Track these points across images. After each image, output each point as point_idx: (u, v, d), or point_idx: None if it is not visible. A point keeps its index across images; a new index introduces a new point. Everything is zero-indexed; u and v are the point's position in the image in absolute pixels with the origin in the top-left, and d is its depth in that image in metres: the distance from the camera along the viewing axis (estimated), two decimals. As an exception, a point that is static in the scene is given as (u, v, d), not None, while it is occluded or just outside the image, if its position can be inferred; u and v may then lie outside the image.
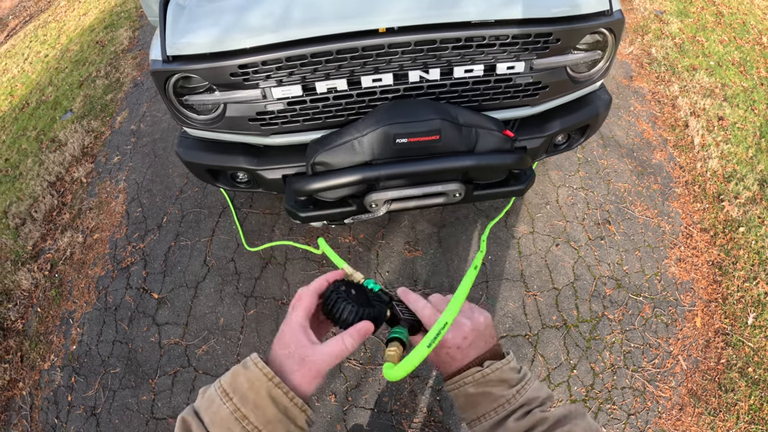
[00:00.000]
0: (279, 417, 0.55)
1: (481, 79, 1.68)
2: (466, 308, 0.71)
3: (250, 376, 0.56)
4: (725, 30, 4.04)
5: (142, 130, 3.47)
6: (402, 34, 1.52)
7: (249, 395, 0.55)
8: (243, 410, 0.54)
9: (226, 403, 0.55)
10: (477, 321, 0.69)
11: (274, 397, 0.55)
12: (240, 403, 0.55)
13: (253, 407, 0.55)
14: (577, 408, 0.65)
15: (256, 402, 0.55)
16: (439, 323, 0.62)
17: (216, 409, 0.55)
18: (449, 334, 0.67)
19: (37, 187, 3.26)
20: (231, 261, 2.59)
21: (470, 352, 0.67)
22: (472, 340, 0.67)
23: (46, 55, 4.85)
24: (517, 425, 0.62)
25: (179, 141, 1.99)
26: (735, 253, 2.55)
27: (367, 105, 1.70)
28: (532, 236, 2.60)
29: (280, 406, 0.55)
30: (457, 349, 0.67)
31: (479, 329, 0.69)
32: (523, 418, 0.62)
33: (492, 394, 0.64)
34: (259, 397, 0.55)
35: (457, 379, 0.67)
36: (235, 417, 0.54)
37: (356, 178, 1.62)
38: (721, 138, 3.11)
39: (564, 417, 0.63)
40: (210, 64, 1.59)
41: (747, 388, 2.12)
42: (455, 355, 0.67)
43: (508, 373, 0.65)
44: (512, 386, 0.65)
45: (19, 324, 2.62)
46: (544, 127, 1.90)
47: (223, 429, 0.54)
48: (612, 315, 2.34)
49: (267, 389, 0.55)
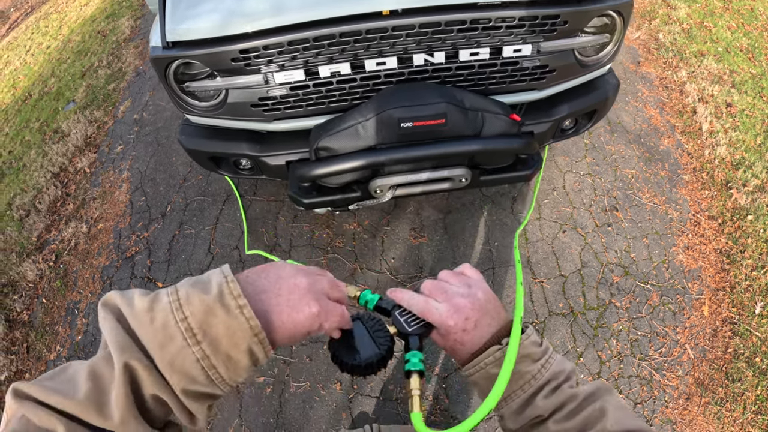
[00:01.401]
0: (248, 368, 0.49)
1: (487, 63, 1.65)
2: (457, 284, 0.66)
3: (232, 324, 0.46)
4: (733, 16, 3.97)
5: (145, 119, 3.45)
6: (406, 17, 1.49)
7: (223, 345, 0.46)
8: (213, 359, 0.46)
9: (193, 346, 0.45)
10: (476, 297, 0.64)
11: (253, 352, 0.48)
12: (211, 351, 0.45)
13: (226, 359, 0.47)
14: (604, 384, 0.62)
15: (232, 355, 0.47)
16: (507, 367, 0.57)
17: (176, 350, 0.44)
18: (450, 320, 0.62)
19: (41, 178, 3.25)
20: (235, 249, 2.58)
21: (479, 332, 0.62)
22: (477, 319, 0.62)
23: (48, 47, 4.83)
24: (547, 402, 0.59)
25: (181, 128, 1.97)
26: (743, 241, 2.52)
27: (371, 89, 1.68)
28: (539, 222, 2.58)
29: (254, 358, 0.49)
30: (464, 332, 0.62)
31: (481, 305, 0.64)
32: (552, 395, 0.59)
33: (517, 371, 0.60)
34: (236, 351, 0.47)
35: (476, 362, 0.62)
36: (202, 366, 0.45)
37: (360, 164, 1.59)
38: (730, 125, 3.06)
39: (593, 393, 0.60)
40: (210, 49, 1.57)
41: (754, 377, 2.10)
42: (464, 340, 0.62)
43: (530, 348, 0.61)
44: (536, 361, 0.61)
45: (25, 315, 2.63)
46: (551, 111, 1.87)
47: (184, 377, 0.45)
48: (619, 303, 2.32)
49: (249, 345, 0.47)
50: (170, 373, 0.45)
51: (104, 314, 0.48)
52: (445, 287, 0.66)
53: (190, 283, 0.49)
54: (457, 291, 0.65)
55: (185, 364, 0.45)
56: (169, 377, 0.45)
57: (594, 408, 0.58)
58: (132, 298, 0.48)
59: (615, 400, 0.59)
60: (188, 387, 0.45)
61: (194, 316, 0.45)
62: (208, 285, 0.48)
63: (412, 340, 0.64)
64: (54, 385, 0.45)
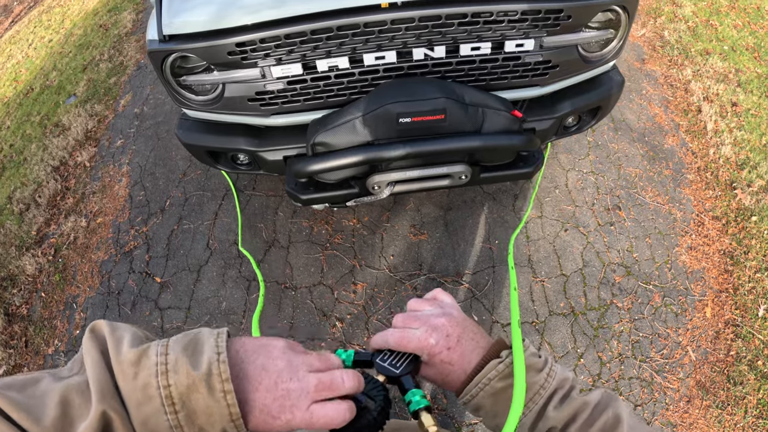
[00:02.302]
0: None
1: (488, 58, 1.62)
2: (429, 307, 0.65)
3: (212, 405, 0.46)
4: (739, 14, 3.92)
5: (146, 113, 3.44)
6: (406, 10, 1.46)
7: (199, 420, 0.46)
8: (186, 430, 0.45)
9: (170, 414, 0.44)
10: (452, 315, 0.63)
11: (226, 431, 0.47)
12: (185, 422, 0.45)
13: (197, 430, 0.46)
14: (607, 391, 0.61)
15: (206, 430, 0.46)
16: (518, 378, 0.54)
17: (152, 412, 0.44)
18: (431, 339, 0.60)
19: (41, 172, 3.25)
20: (233, 244, 2.57)
21: (465, 348, 0.60)
22: (459, 335, 0.61)
23: (50, 40, 4.82)
24: (559, 414, 0.56)
25: (179, 123, 1.95)
26: (747, 242, 2.49)
27: (369, 83, 1.66)
28: (541, 221, 2.55)
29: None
30: (448, 350, 0.60)
31: (459, 322, 0.62)
32: (562, 404, 0.57)
33: None
34: (211, 428, 0.46)
35: (477, 380, 0.58)
36: (171, 426, 0.45)
37: (357, 159, 1.57)
38: (735, 124, 3.02)
39: (602, 400, 0.58)
40: (207, 42, 1.55)
41: (756, 381, 2.07)
42: (451, 358, 0.60)
43: (531, 359, 0.59)
44: (540, 370, 0.59)
45: (24, 309, 2.62)
46: (554, 108, 1.84)
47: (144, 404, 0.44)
48: (621, 303, 2.29)
49: (223, 426, 0.47)
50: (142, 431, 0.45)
51: (90, 344, 0.47)
52: (417, 315, 0.64)
53: (182, 345, 0.48)
54: (431, 313, 0.63)
55: (158, 428, 0.45)
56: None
57: (608, 416, 0.56)
58: (121, 340, 0.47)
59: (624, 406, 0.58)
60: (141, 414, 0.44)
61: (177, 387, 0.45)
62: (199, 358, 0.47)
63: (405, 381, 0.60)
64: (21, 399, 0.43)
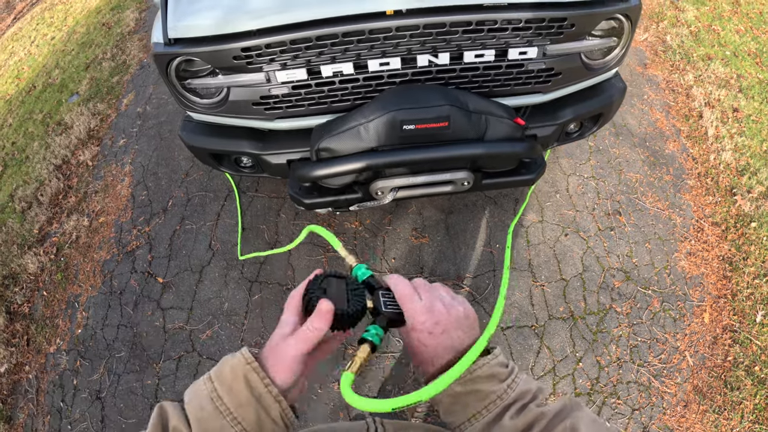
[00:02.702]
0: (251, 401, 0.57)
1: (492, 65, 1.63)
2: (444, 294, 0.66)
3: (232, 361, 0.59)
4: (742, 19, 3.92)
5: (148, 113, 3.45)
6: (410, 17, 1.48)
7: (227, 378, 0.58)
8: (219, 391, 0.57)
9: (207, 384, 0.58)
10: (455, 309, 0.64)
11: (249, 381, 0.57)
12: (218, 384, 0.57)
13: (228, 389, 0.57)
14: (572, 399, 0.61)
15: (232, 385, 0.57)
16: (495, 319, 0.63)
17: (196, 390, 0.58)
18: (422, 316, 0.62)
19: (43, 170, 3.26)
20: (235, 245, 2.58)
21: (445, 341, 0.61)
22: (446, 328, 0.62)
23: (52, 38, 4.82)
24: (515, 423, 0.58)
25: (183, 125, 1.96)
26: (746, 248, 2.50)
27: (373, 89, 1.67)
28: (541, 225, 2.57)
29: (254, 391, 0.57)
30: (429, 335, 0.61)
31: (457, 317, 0.63)
32: (519, 415, 0.58)
33: (481, 392, 0.60)
34: (235, 381, 0.57)
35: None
36: (210, 397, 0.57)
37: (361, 165, 1.58)
38: (736, 130, 3.03)
39: (562, 410, 0.59)
40: (212, 47, 1.56)
41: (753, 387, 2.09)
42: (427, 342, 0.62)
43: (496, 368, 0.61)
44: (502, 381, 0.60)
45: (26, 308, 2.64)
46: (556, 114, 1.85)
47: (197, 408, 0.56)
48: (620, 308, 2.30)
49: (244, 372, 0.58)
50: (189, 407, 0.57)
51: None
52: (433, 290, 0.66)
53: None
54: (441, 297, 0.65)
55: (200, 398, 0.58)
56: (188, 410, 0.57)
57: (564, 426, 0.56)
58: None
59: (586, 415, 0.58)
60: (201, 415, 0.56)
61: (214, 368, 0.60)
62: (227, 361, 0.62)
63: (379, 319, 0.66)
64: None
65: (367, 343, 0.62)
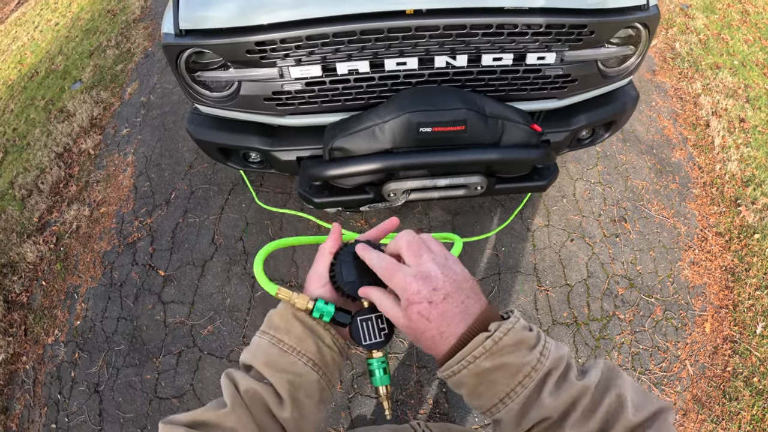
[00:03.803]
0: (307, 333, 0.62)
1: (509, 69, 1.62)
2: (436, 250, 0.58)
3: (279, 310, 0.66)
4: (750, 29, 3.93)
5: (153, 102, 3.41)
6: (430, 17, 1.46)
7: (281, 324, 0.63)
8: (278, 336, 0.62)
9: (264, 337, 0.63)
10: (451, 269, 0.55)
11: (300, 318, 0.63)
12: (275, 332, 0.63)
13: (286, 331, 0.62)
14: (607, 364, 0.54)
15: (287, 327, 0.63)
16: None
17: (256, 345, 0.63)
18: (414, 285, 0.53)
19: (45, 158, 3.21)
20: (239, 240, 2.56)
21: (449, 307, 0.52)
22: (448, 293, 0.53)
23: (56, 24, 4.76)
24: (555, 401, 0.49)
25: (190, 118, 1.93)
26: (749, 260, 2.50)
27: (389, 89, 1.65)
28: (547, 229, 2.56)
29: (306, 324, 0.63)
30: (429, 304, 0.52)
31: (455, 279, 0.54)
32: (559, 390, 0.50)
33: (511, 365, 0.50)
34: (287, 322, 0.63)
35: (460, 356, 0.51)
36: (272, 343, 0.62)
37: (376, 167, 1.57)
38: (742, 140, 3.04)
39: (602, 379, 0.52)
40: (225, 39, 1.53)
41: (751, 397, 2.09)
42: (429, 314, 0.53)
43: (522, 333, 0.51)
44: (532, 348, 0.51)
45: (24, 297, 2.60)
46: (570, 120, 1.84)
47: (263, 356, 0.61)
48: (623, 315, 2.30)
49: (292, 313, 0.63)
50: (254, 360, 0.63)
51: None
52: (421, 249, 0.57)
53: None
54: (434, 257, 0.56)
55: (263, 348, 0.63)
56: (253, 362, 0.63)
57: (611, 399, 0.50)
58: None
59: (627, 382, 0.52)
60: (269, 359, 0.61)
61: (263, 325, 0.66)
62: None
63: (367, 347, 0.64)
64: None
65: (381, 387, 0.65)
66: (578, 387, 0.50)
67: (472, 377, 0.51)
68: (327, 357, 0.64)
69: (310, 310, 0.62)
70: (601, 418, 0.49)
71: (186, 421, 0.56)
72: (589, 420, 0.49)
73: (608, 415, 0.49)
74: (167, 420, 0.56)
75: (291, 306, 0.64)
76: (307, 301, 0.62)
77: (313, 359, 0.62)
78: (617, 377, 0.52)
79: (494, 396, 0.51)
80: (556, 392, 0.50)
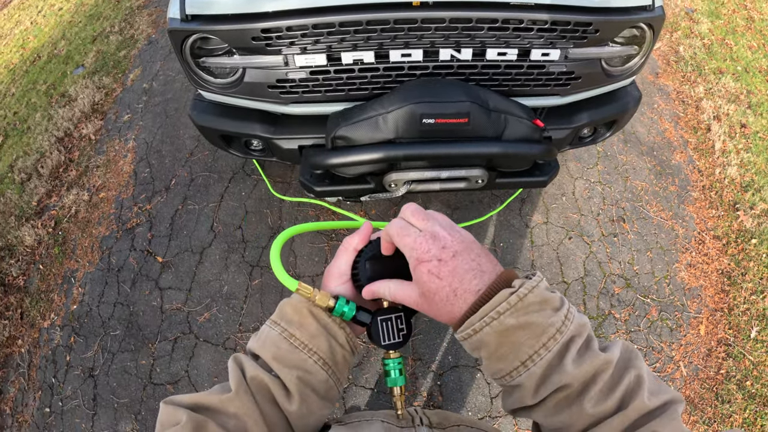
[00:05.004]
0: (321, 331, 0.61)
1: (513, 64, 1.62)
2: (442, 220, 0.57)
3: (293, 301, 0.63)
4: (755, 36, 3.93)
5: (155, 89, 3.40)
6: (437, 10, 1.45)
7: (294, 317, 0.61)
8: (290, 330, 0.60)
9: (275, 328, 0.61)
10: (458, 232, 0.55)
11: (315, 314, 0.61)
12: (286, 325, 0.61)
13: (298, 326, 0.61)
14: (625, 344, 0.53)
15: (300, 321, 0.61)
16: None
17: (265, 336, 0.62)
18: (424, 244, 0.53)
19: (45, 142, 3.21)
20: (238, 229, 2.56)
21: (460, 264, 0.51)
22: (457, 251, 0.52)
23: (60, 8, 4.74)
24: (578, 370, 0.47)
25: (193, 104, 1.93)
26: (745, 264, 2.52)
27: (393, 80, 1.65)
28: (546, 227, 2.57)
29: (320, 321, 0.61)
30: (439, 262, 0.51)
31: (463, 239, 0.54)
32: (582, 359, 0.48)
33: (537, 324, 0.47)
34: (301, 317, 0.61)
35: (483, 312, 0.48)
36: (283, 336, 0.60)
37: (378, 156, 1.57)
38: (742, 146, 3.05)
39: (622, 357, 0.50)
40: (231, 26, 1.52)
41: (743, 401, 2.11)
42: (440, 272, 0.51)
43: (546, 294, 0.49)
44: (557, 310, 0.48)
45: (21, 280, 2.60)
46: (572, 118, 1.84)
47: (272, 348, 0.60)
48: (618, 314, 2.31)
49: (308, 308, 0.61)
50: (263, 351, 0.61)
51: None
52: (429, 216, 0.57)
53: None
54: (439, 222, 0.56)
55: (273, 340, 0.61)
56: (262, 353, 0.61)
57: (630, 378, 0.48)
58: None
59: (644, 364, 0.51)
60: (278, 353, 0.59)
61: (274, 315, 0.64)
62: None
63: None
64: None
65: (396, 388, 0.64)
66: (601, 359, 0.48)
67: (495, 336, 0.48)
68: (338, 356, 0.62)
69: (331, 308, 0.61)
70: (619, 397, 0.48)
71: (189, 403, 0.55)
72: (608, 397, 0.48)
73: (626, 394, 0.48)
74: (169, 400, 0.55)
75: (307, 300, 0.61)
76: (329, 298, 0.60)
77: (324, 358, 0.60)
78: (636, 358, 0.51)
79: (516, 358, 0.49)
80: (578, 360, 0.48)
